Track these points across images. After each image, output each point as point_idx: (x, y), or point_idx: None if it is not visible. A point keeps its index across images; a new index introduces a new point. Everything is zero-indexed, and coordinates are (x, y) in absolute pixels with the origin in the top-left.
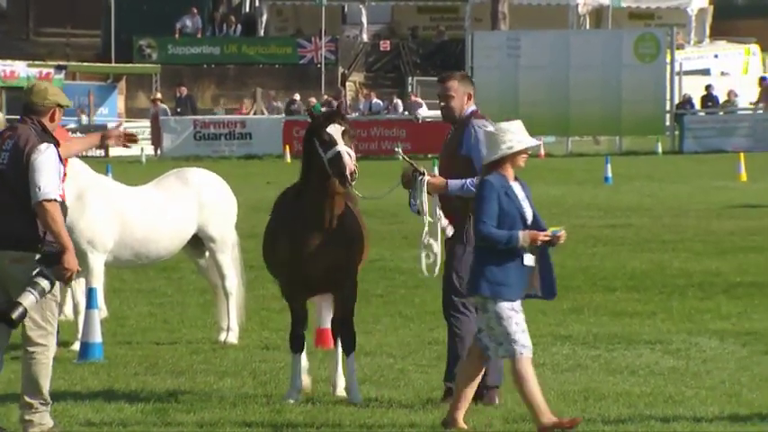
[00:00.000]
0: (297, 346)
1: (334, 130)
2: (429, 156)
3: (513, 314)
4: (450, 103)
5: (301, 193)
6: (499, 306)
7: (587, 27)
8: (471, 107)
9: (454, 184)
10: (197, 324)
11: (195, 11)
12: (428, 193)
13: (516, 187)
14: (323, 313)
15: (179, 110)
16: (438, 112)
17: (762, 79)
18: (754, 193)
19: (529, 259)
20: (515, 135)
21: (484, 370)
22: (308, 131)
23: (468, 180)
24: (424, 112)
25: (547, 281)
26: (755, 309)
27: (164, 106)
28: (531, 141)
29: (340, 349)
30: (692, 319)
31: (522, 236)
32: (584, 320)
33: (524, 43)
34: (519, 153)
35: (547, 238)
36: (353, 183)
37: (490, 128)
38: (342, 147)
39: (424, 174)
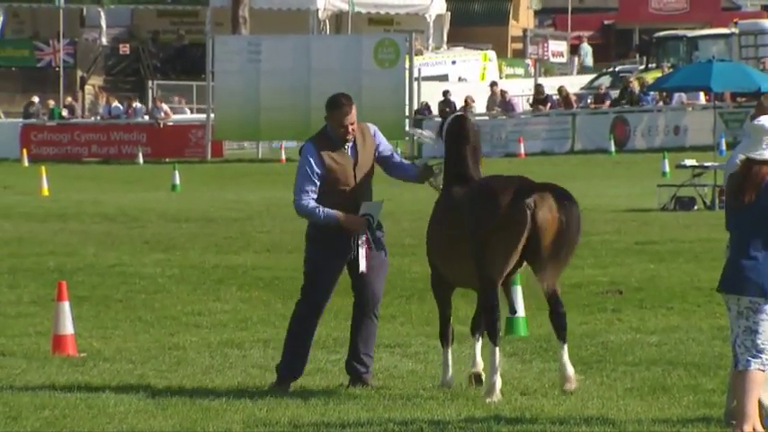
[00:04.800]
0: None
1: None
2: (167, 160)
3: None
4: None
5: None
6: None
7: (328, 32)
8: None
9: None
10: None
11: None
12: None
13: None
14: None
15: None
16: (180, 116)
17: (492, 84)
18: None
19: None
20: None
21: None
22: None
23: None
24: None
25: None
26: None
27: None
28: None
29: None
30: (431, 323)
31: None
32: (324, 324)
33: (265, 48)
34: None
35: None
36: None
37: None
38: None
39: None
